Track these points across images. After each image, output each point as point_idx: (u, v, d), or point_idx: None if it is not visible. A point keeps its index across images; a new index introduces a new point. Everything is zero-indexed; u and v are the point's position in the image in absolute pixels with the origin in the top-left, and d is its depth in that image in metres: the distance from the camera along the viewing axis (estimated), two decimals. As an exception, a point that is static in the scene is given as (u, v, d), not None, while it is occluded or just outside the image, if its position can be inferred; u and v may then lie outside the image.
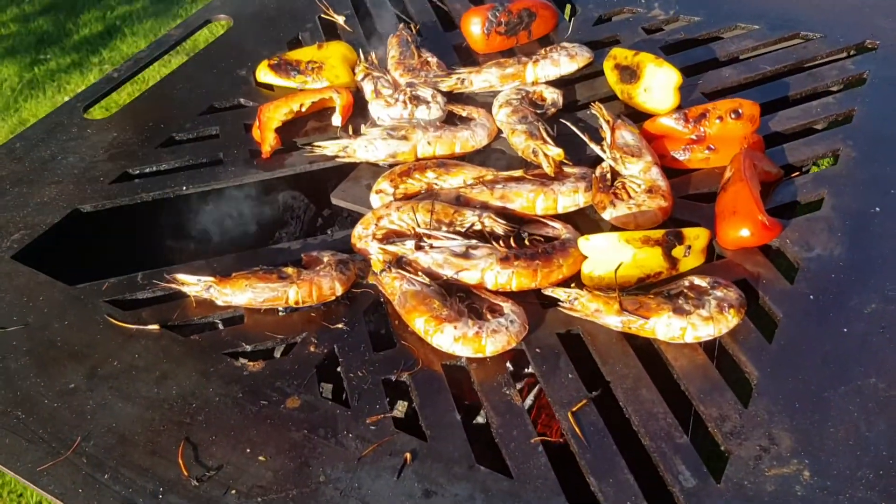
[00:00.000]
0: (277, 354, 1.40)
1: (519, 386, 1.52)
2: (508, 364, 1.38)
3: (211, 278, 1.39)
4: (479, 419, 1.39)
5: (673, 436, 1.14)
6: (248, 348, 1.35)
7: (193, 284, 1.41)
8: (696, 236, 1.36)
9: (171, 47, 2.05)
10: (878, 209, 1.42)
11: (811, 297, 1.30)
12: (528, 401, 1.51)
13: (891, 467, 1.06)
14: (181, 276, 1.41)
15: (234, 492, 1.12)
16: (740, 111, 1.53)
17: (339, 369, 1.29)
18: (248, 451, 1.17)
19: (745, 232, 1.36)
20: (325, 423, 1.20)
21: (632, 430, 1.16)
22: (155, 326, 1.38)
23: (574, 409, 1.18)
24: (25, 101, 4.70)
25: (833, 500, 1.03)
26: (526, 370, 1.51)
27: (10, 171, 1.73)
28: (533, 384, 1.53)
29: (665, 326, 1.24)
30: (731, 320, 1.25)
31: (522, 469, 1.12)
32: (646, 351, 1.26)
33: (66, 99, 4.70)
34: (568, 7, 2.09)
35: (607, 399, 1.21)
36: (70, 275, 1.49)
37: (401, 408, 1.43)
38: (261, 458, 1.16)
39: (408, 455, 1.15)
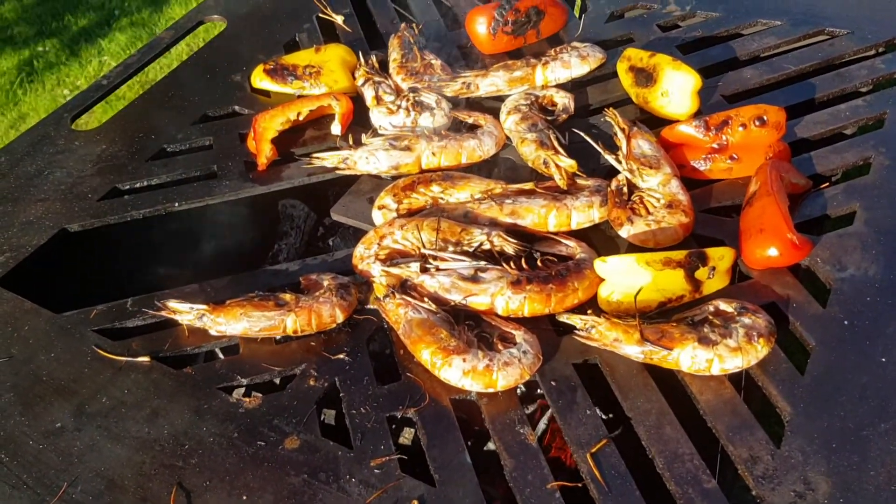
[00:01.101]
0: (276, 386, 1.32)
1: (532, 408, 1.44)
2: (521, 386, 1.30)
3: (204, 306, 1.31)
4: (490, 445, 1.32)
5: (700, 479, 1.05)
6: (244, 382, 1.27)
7: (186, 313, 1.32)
8: (721, 257, 1.28)
9: (163, 51, 1.97)
10: (914, 223, 1.33)
11: (846, 322, 1.21)
12: (542, 424, 1.44)
13: (939, 517, 0.98)
14: (173, 304, 1.33)
15: (229, 545, 1.05)
16: (765, 118, 1.44)
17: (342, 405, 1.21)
18: (245, 497, 1.10)
19: (773, 251, 1.27)
20: (326, 467, 1.12)
21: (656, 472, 1.08)
22: (145, 358, 1.30)
23: (593, 451, 1.10)
24: (25, 95, 4.64)
25: (877, 555, 0.95)
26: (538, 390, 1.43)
27: (-6, 187, 1.65)
28: (546, 406, 1.45)
29: (690, 358, 1.16)
30: (760, 350, 1.16)
31: (539, 519, 1.04)
32: (669, 383, 1.18)
33: (66, 91, 4.62)
34: (578, 3, 1.99)
35: (629, 437, 1.13)
36: (57, 299, 1.41)
37: (407, 434, 1.36)
38: (258, 506, 1.09)
39: (415, 502, 1.07)
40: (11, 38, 5.13)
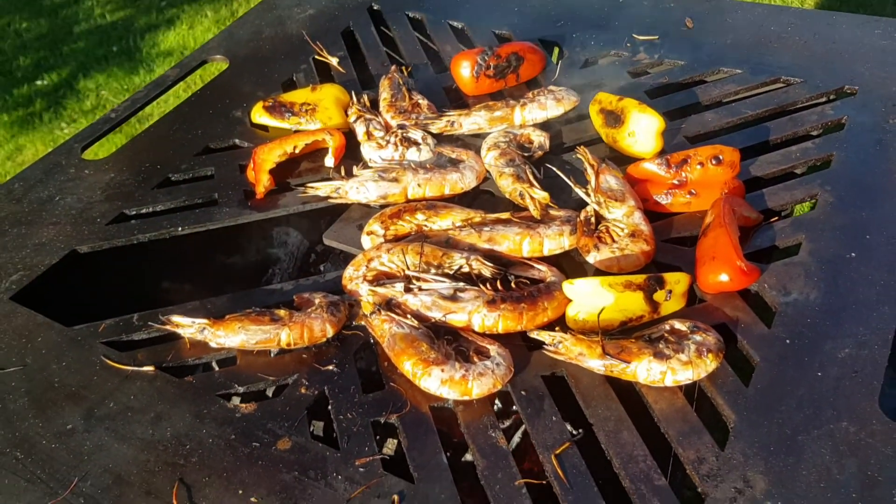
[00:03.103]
0: (269, 394, 1.43)
1: (507, 423, 1.56)
2: (498, 402, 1.42)
3: (205, 320, 1.43)
4: (468, 457, 1.43)
5: (652, 478, 1.17)
6: (241, 389, 1.38)
7: (188, 326, 1.44)
8: (677, 281, 1.41)
9: (168, 87, 2.10)
10: (853, 254, 1.47)
11: (787, 341, 1.34)
12: (517, 438, 1.55)
13: (861, 511, 1.10)
14: (176, 318, 1.45)
15: (226, 533, 1.15)
16: (721, 157, 1.58)
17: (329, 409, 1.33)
18: (241, 492, 1.21)
19: (724, 277, 1.41)
20: (315, 465, 1.24)
21: (613, 472, 1.20)
22: (150, 368, 1.41)
23: (557, 452, 1.22)
24: (21, 128, 4.75)
25: (805, 543, 1.07)
26: (514, 407, 1.55)
27: (8, 211, 1.77)
28: (521, 421, 1.56)
29: (646, 370, 1.28)
30: (709, 364, 1.29)
31: (507, 511, 1.15)
32: (627, 394, 1.30)
33: (63, 124, 4.73)
34: (556, 50, 2.15)
35: (590, 441, 1.25)
36: (67, 315, 1.52)
37: (390, 445, 1.47)
38: (252, 499, 1.19)
39: (395, 497, 1.18)
40: (10, 72, 5.25)
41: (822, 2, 4.96)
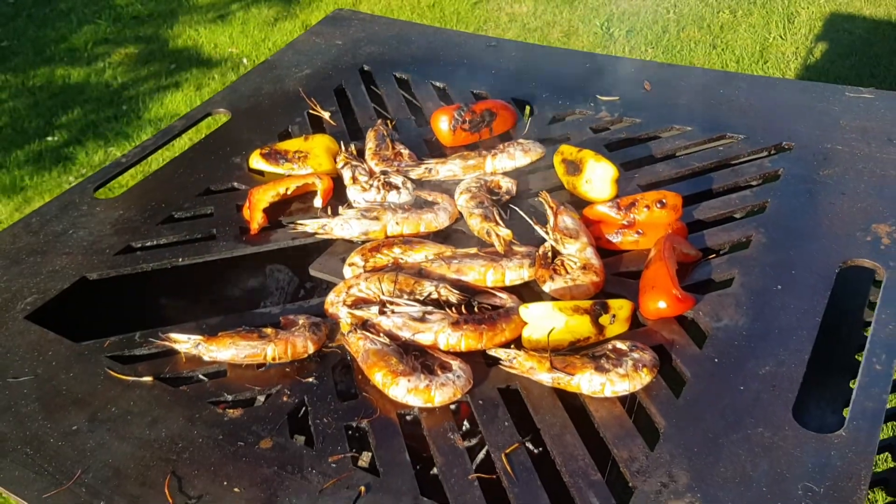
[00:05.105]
0: (256, 404, 1.59)
1: (474, 441, 1.71)
2: (466, 423, 1.58)
3: (199, 336, 1.60)
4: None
5: (588, 473, 1.33)
6: (230, 398, 1.55)
7: (184, 342, 1.61)
8: (620, 307, 1.59)
9: (174, 137, 2.31)
10: (779, 287, 1.65)
11: (716, 360, 1.51)
12: (481, 455, 1.70)
13: (768, 500, 1.26)
14: (173, 335, 1.62)
15: (211, 517, 1.31)
16: (664, 201, 1.78)
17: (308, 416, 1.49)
18: (226, 483, 1.36)
19: (661, 304, 1.58)
20: (292, 461, 1.40)
21: (555, 469, 1.36)
22: (149, 378, 1.58)
23: (507, 451, 1.38)
24: (31, 179, 4.94)
25: (718, 528, 1.23)
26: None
27: (26, 242, 1.95)
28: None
29: (588, 382, 1.45)
30: (644, 378, 1.46)
31: (460, 500, 1.31)
32: (572, 404, 1.47)
33: (71, 178, 4.94)
34: (527, 108, 2.37)
35: (537, 443, 1.41)
36: (76, 333, 1.69)
37: (365, 458, 1.62)
38: (236, 489, 1.35)
39: (362, 488, 1.34)
40: (22, 129, 5.47)
41: (802, 74, 5.27)
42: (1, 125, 5.49)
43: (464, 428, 1.65)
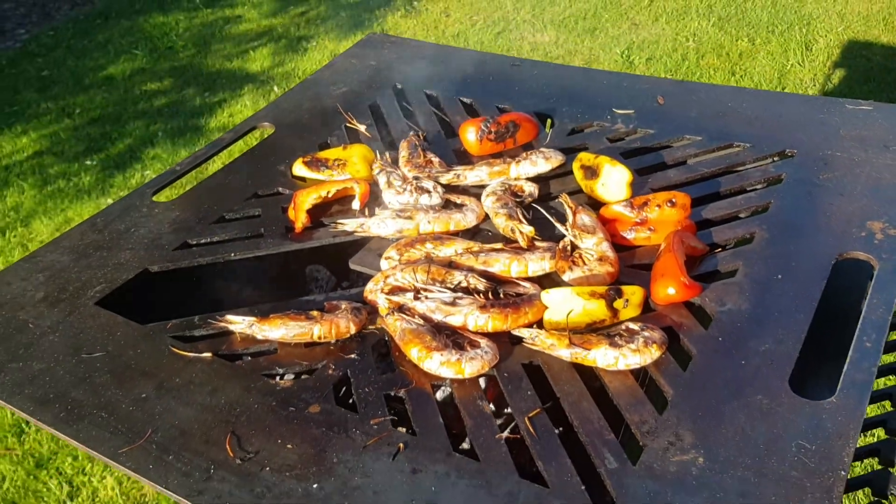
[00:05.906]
0: (304, 376, 1.77)
1: (500, 421, 1.87)
2: (491, 405, 1.74)
3: (253, 318, 1.79)
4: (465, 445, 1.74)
5: (603, 433, 1.49)
6: (281, 371, 1.72)
7: (239, 323, 1.80)
8: (633, 292, 1.75)
9: (224, 147, 2.52)
10: (780, 276, 1.80)
11: (720, 339, 1.67)
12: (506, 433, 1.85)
13: (765, 456, 1.41)
14: (229, 317, 1.81)
15: (268, 469, 1.48)
16: (674, 200, 1.95)
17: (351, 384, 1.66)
18: (279, 441, 1.53)
19: (671, 290, 1.74)
20: (338, 423, 1.57)
21: (573, 430, 1.52)
22: (208, 354, 1.76)
23: (530, 416, 1.54)
24: (71, 202, 5.17)
25: (718, 478, 1.38)
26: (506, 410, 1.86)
27: (92, 239, 2.15)
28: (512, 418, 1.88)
29: (603, 356, 1.61)
30: (654, 353, 1.62)
31: (487, 456, 1.47)
32: (588, 376, 1.63)
33: (109, 200, 5.16)
34: (549, 121, 2.55)
35: (556, 410, 1.57)
36: (141, 317, 1.88)
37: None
38: (289, 445, 1.52)
39: (401, 445, 1.50)
40: (62, 152, 5.72)
41: (816, 91, 5.42)
42: (42, 150, 5.78)
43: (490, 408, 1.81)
